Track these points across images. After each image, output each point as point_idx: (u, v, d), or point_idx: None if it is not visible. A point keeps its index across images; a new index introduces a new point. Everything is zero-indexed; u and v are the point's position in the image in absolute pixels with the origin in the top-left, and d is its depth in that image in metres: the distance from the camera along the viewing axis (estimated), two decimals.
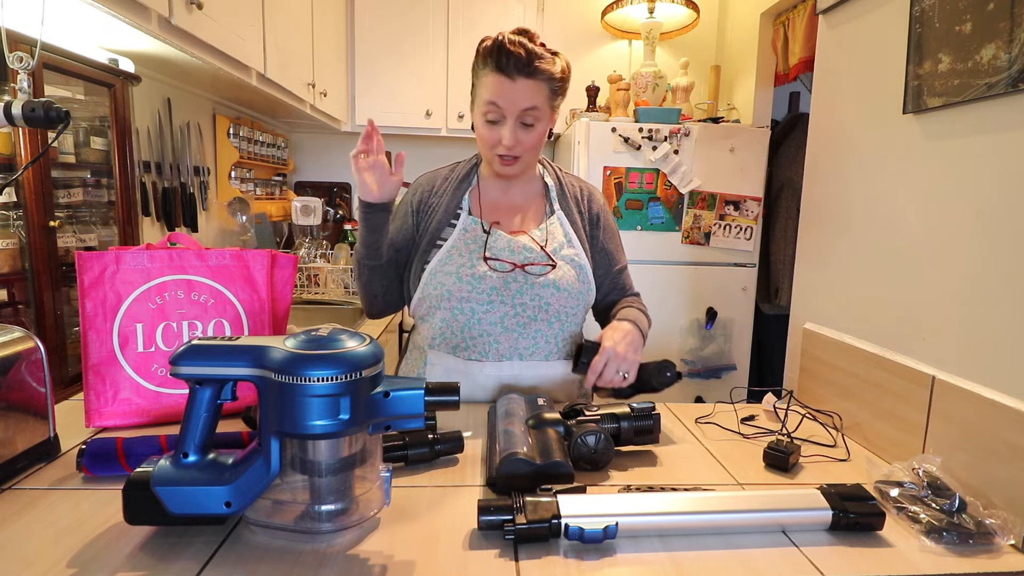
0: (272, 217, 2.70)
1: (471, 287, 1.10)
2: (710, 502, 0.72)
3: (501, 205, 1.19)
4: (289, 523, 0.66)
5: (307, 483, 0.66)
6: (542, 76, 1.04)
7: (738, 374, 2.47)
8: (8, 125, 0.85)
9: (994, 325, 0.83)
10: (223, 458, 0.66)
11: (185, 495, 0.63)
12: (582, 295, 1.15)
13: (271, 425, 0.63)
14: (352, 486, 0.67)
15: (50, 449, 0.83)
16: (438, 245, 1.14)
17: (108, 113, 1.43)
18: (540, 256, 1.13)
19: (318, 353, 0.62)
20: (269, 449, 0.63)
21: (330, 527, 0.66)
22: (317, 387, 0.60)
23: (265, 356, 0.63)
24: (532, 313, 1.11)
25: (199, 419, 0.65)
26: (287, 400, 0.61)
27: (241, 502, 0.64)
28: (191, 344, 0.65)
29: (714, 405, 1.16)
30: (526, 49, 1.02)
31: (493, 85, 1.04)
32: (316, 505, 0.66)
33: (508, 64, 1.02)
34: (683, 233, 2.36)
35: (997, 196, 0.84)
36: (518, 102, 1.04)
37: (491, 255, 1.11)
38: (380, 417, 0.65)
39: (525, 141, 1.08)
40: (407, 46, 2.78)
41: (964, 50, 0.89)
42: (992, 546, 0.70)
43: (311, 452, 0.65)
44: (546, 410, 0.91)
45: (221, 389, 0.66)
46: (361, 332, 0.70)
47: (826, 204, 1.25)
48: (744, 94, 2.60)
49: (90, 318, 0.93)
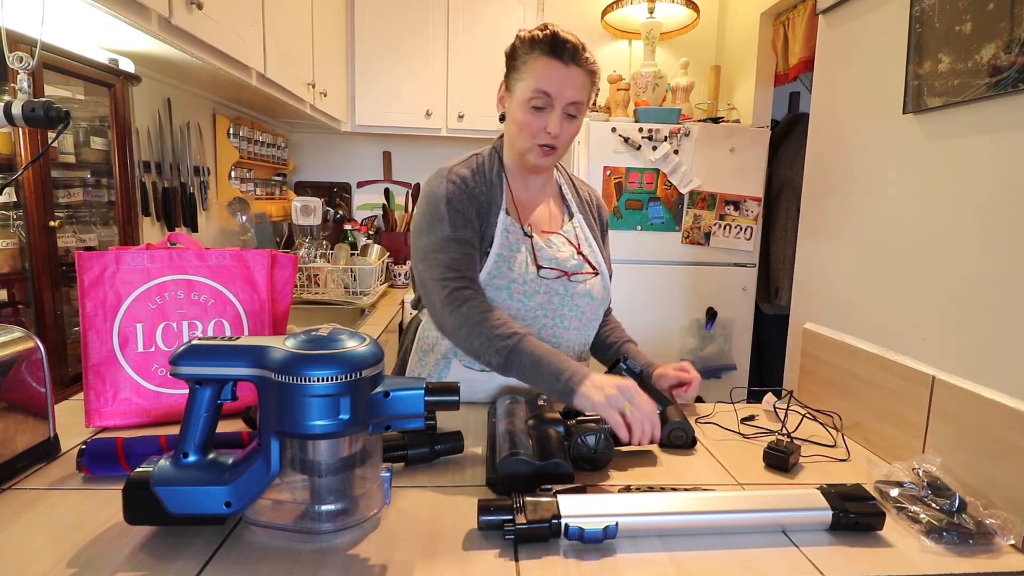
0: (272, 217, 2.70)
1: (521, 305, 1.07)
2: (710, 502, 0.72)
3: (530, 204, 1.16)
4: (289, 523, 0.66)
5: (307, 483, 0.66)
6: (589, 68, 1.04)
7: (738, 374, 2.47)
8: (8, 125, 0.85)
9: (994, 325, 0.83)
10: (223, 458, 0.66)
11: (185, 495, 0.63)
12: (605, 301, 1.18)
13: (271, 425, 0.63)
14: (352, 486, 0.67)
15: (50, 449, 0.83)
16: (485, 252, 1.08)
17: (108, 113, 1.43)
18: (579, 263, 1.13)
19: (318, 353, 0.62)
20: (269, 449, 0.63)
21: (330, 527, 0.66)
22: (317, 387, 0.60)
23: (265, 356, 0.63)
24: (568, 323, 1.11)
25: (199, 419, 0.65)
26: (287, 400, 0.61)
27: (241, 502, 0.64)
28: (191, 344, 0.65)
29: (714, 405, 1.16)
30: (577, 40, 1.03)
31: (545, 70, 1.02)
32: (316, 505, 0.66)
33: (563, 50, 1.01)
34: (683, 233, 2.36)
35: (997, 196, 0.84)
36: (569, 90, 1.02)
37: (542, 263, 1.09)
38: (380, 417, 0.65)
39: (567, 132, 1.06)
40: (407, 46, 2.78)
41: (964, 50, 0.89)
42: (992, 546, 0.70)
43: (311, 452, 0.65)
44: (546, 410, 0.91)
45: (221, 389, 0.66)
46: (361, 332, 0.70)
47: (826, 204, 1.25)
48: (744, 94, 2.60)
49: (90, 318, 0.93)
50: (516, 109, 1.06)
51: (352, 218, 3.15)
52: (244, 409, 0.95)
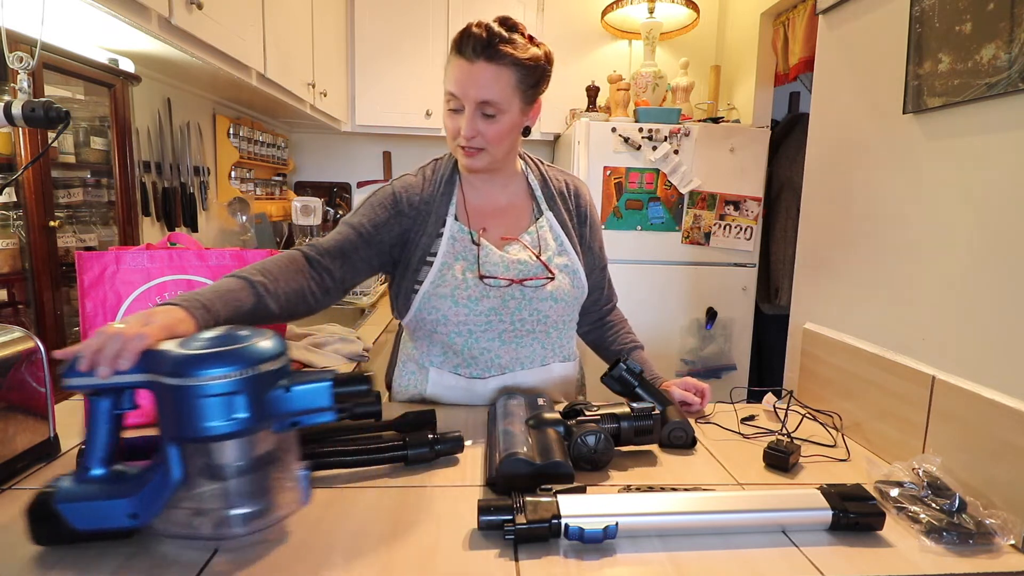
0: (272, 217, 2.70)
1: (468, 310, 1.04)
2: (710, 502, 0.72)
3: (486, 208, 1.11)
4: (206, 531, 0.63)
5: (218, 488, 0.64)
6: (504, 60, 0.95)
7: (738, 374, 2.47)
8: (8, 125, 0.85)
9: (994, 325, 0.83)
10: (130, 469, 0.64)
11: (89, 510, 0.61)
12: (577, 300, 1.13)
13: (169, 431, 0.60)
14: (265, 487, 0.65)
15: (50, 449, 0.83)
16: (428, 262, 1.05)
17: (108, 113, 1.43)
18: (536, 268, 1.07)
19: (209, 352, 0.60)
20: (169, 457, 0.61)
21: (243, 531, 0.63)
22: (210, 387, 0.58)
23: (154, 361, 0.61)
24: (531, 326, 1.08)
25: (99, 431, 0.63)
26: (181, 403, 0.58)
27: (147, 513, 0.61)
28: (78, 355, 0.62)
29: (714, 405, 1.16)
30: (489, 31, 0.95)
31: (452, 69, 0.97)
32: (228, 509, 0.63)
33: (466, 46, 0.95)
34: (683, 233, 2.36)
35: (997, 196, 0.84)
36: (474, 87, 0.95)
37: (486, 272, 1.05)
38: (285, 413, 0.62)
39: (487, 132, 0.98)
40: (407, 46, 2.78)
41: (964, 50, 0.89)
42: (992, 546, 0.70)
43: (217, 455, 0.62)
44: (546, 410, 0.91)
45: (119, 399, 0.63)
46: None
47: (826, 204, 1.25)
48: (744, 94, 2.60)
49: (90, 318, 0.93)
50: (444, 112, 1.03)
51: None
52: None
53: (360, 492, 0.78)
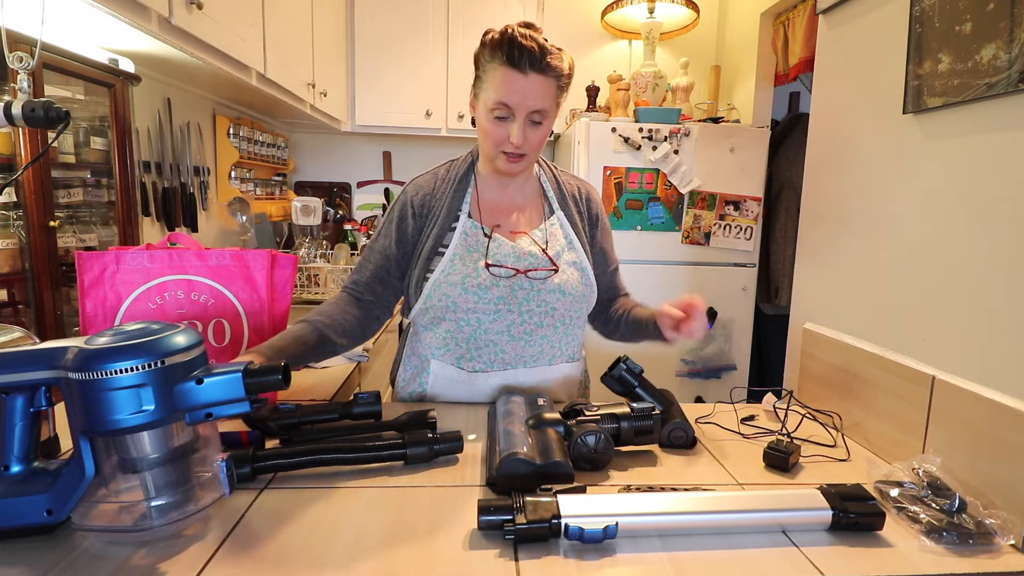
0: (272, 217, 2.70)
1: (477, 297, 1.07)
2: (710, 502, 0.72)
3: (500, 206, 1.16)
4: (126, 524, 0.64)
5: (135, 481, 0.64)
6: (552, 72, 1.00)
7: (738, 374, 2.47)
8: (8, 125, 0.85)
9: (994, 325, 0.83)
10: (48, 465, 0.65)
11: (4, 507, 0.62)
12: (586, 297, 1.15)
13: (78, 425, 0.61)
14: (183, 479, 0.66)
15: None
16: (440, 253, 1.10)
17: (108, 113, 1.43)
18: (543, 260, 1.11)
19: (114, 346, 0.60)
20: (80, 451, 0.61)
21: (162, 522, 0.64)
22: (115, 380, 0.58)
23: (59, 357, 0.61)
24: (539, 319, 1.10)
25: (14, 429, 0.63)
26: (88, 397, 0.59)
27: (62, 508, 0.62)
28: None
29: (714, 405, 1.16)
30: (538, 44, 0.98)
31: (503, 80, 1.00)
32: (147, 501, 0.64)
33: (521, 58, 0.98)
34: (683, 233, 2.36)
35: (997, 196, 0.84)
36: (529, 99, 1.00)
37: (493, 261, 1.09)
38: (196, 405, 0.63)
39: (532, 139, 1.05)
40: (407, 46, 2.78)
41: (964, 50, 0.89)
42: (992, 546, 0.70)
43: (132, 448, 0.63)
44: (546, 410, 0.91)
45: (33, 396, 0.64)
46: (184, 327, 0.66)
47: (826, 204, 1.25)
48: (744, 94, 2.60)
49: (90, 318, 0.93)
50: (482, 117, 1.06)
51: (352, 218, 3.15)
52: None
53: (360, 492, 0.78)
